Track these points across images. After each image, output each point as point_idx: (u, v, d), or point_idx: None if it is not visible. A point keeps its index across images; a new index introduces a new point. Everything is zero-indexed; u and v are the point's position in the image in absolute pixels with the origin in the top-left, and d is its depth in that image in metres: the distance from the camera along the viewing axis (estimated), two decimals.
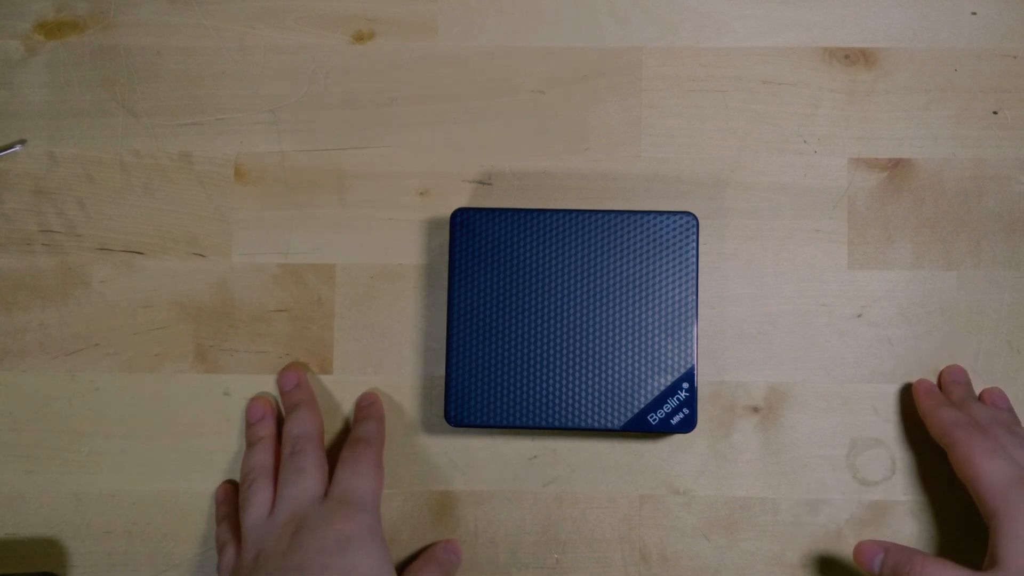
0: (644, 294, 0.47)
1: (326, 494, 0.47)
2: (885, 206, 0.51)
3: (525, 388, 0.47)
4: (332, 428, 0.51)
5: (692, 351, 0.47)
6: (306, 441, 0.48)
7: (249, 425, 0.50)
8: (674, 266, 0.48)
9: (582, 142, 0.52)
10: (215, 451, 0.51)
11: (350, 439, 0.49)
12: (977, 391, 0.50)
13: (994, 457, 0.44)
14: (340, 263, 0.52)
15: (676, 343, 0.47)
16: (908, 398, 0.50)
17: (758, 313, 0.51)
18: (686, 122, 0.52)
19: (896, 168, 0.51)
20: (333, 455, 0.49)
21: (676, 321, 0.47)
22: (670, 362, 0.47)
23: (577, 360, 0.47)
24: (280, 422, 0.51)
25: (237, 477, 0.51)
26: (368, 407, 0.51)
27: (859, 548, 0.46)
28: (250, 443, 0.50)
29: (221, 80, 0.53)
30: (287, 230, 0.52)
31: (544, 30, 0.52)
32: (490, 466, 0.51)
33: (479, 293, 0.48)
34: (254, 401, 0.51)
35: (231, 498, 0.50)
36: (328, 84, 0.52)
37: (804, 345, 0.51)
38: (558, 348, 0.47)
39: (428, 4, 0.53)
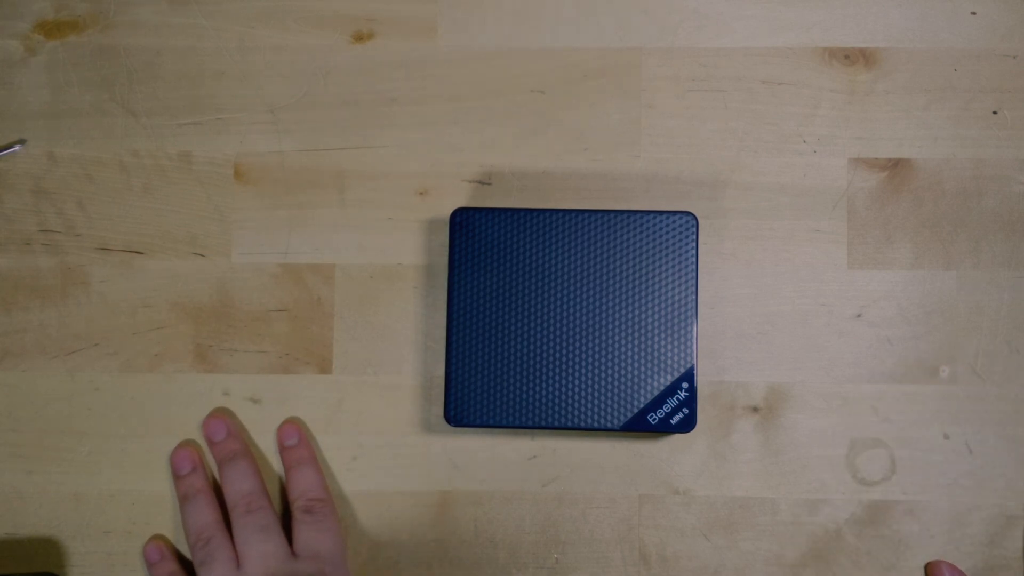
0: (644, 294, 0.47)
1: (293, 552, 0.47)
2: (885, 206, 0.51)
3: (525, 388, 0.47)
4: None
5: (692, 351, 0.47)
6: (259, 497, 0.48)
7: (179, 477, 0.49)
8: (674, 266, 0.48)
9: (581, 142, 0.52)
10: None
11: (300, 503, 0.48)
12: (976, 392, 0.50)
13: None
14: (340, 263, 0.52)
15: (676, 343, 0.47)
16: (908, 398, 0.50)
17: (758, 313, 0.51)
18: (685, 122, 0.52)
19: (896, 168, 0.51)
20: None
21: (676, 321, 0.47)
22: (670, 362, 0.47)
23: (577, 360, 0.47)
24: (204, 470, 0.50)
25: None
26: (297, 449, 0.50)
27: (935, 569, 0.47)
28: (186, 496, 0.49)
29: (221, 80, 0.53)
30: (287, 230, 0.52)
31: (544, 30, 0.52)
32: (490, 466, 0.51)
33: (479, 293, 0.48)
34: (180, 451, 0.50)
35: (171, 554, 0.49)
36: (328, 84, 0.52)
37: (804, 345, 0.51)
38: (558, 348, 0.47)
39: (428, 4, 0.53)
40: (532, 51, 0.52)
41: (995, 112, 0.51)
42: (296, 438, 0.50)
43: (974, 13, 0.52)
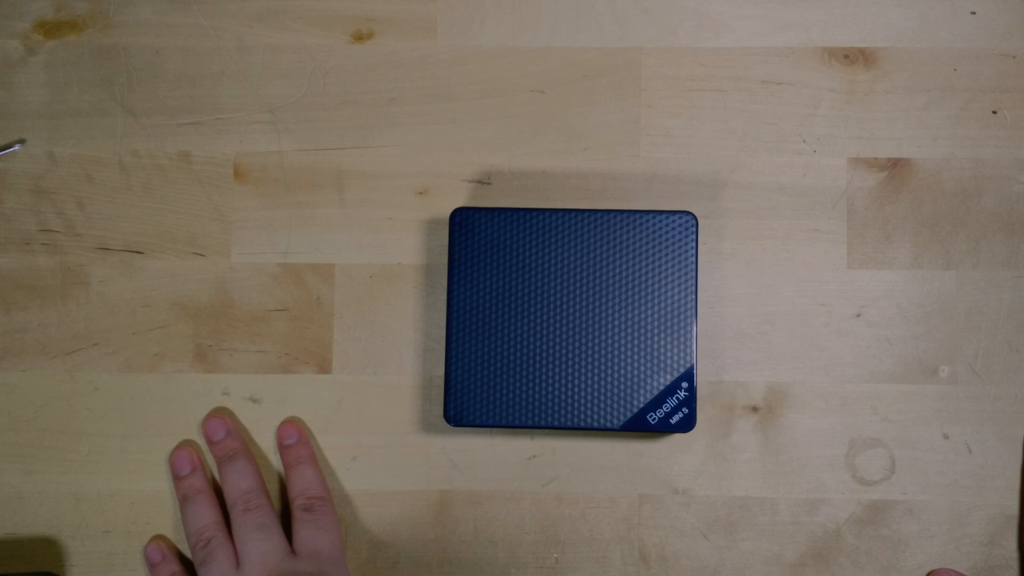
0: (643, 294, 0.47)
1: (293, 551, 0.47)
2: (884, 206, 0.51)
3: (525, 388, 0.47)
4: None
5: (691, 351, 0.47)
6: (258, 495, 0.48)
7: (180, 478, 0.49)
8: (673, 266, 0.48)
9: (581, 142, 0.52)
10: None
11: (300, 502, 0.48)
12: (976, 392, 0.50)
13: None
14: (339, 263, 0.52)
15: (675, 343, 0.47)
16: (908, 397, 0.50)
17: (757, 313, 0.51)
18: (685, 122, 0.52)
19: (895, 168, 0.51)
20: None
21: (675, 321, 0.47)
22: (669, 362, 0.47)
23: (576, 360, 0.47)
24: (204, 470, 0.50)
25: None
26: (296, 448, 0.50)
27: None
28: (187, 496, 0.49)
29: (220, 80, 0.53)
30: (286, 230, 0.52)
31: (544, 30, 0.52)
32: (489, 466, 0.51)
33: (478, 293, 0.48)
34: (180, 452, 0.50)
35: (172, 555, 0.49)
36: (327, 84, 0.52)
37: (803, 345, 0.51)
38: (557, 348, 0.47)
39: (428, 4, 0.53)
40: (532, 51, 0.52)
41: (994, 112, 0.51)
42: (296, 437, 0.50)
43: (974, 13, 0.52)
